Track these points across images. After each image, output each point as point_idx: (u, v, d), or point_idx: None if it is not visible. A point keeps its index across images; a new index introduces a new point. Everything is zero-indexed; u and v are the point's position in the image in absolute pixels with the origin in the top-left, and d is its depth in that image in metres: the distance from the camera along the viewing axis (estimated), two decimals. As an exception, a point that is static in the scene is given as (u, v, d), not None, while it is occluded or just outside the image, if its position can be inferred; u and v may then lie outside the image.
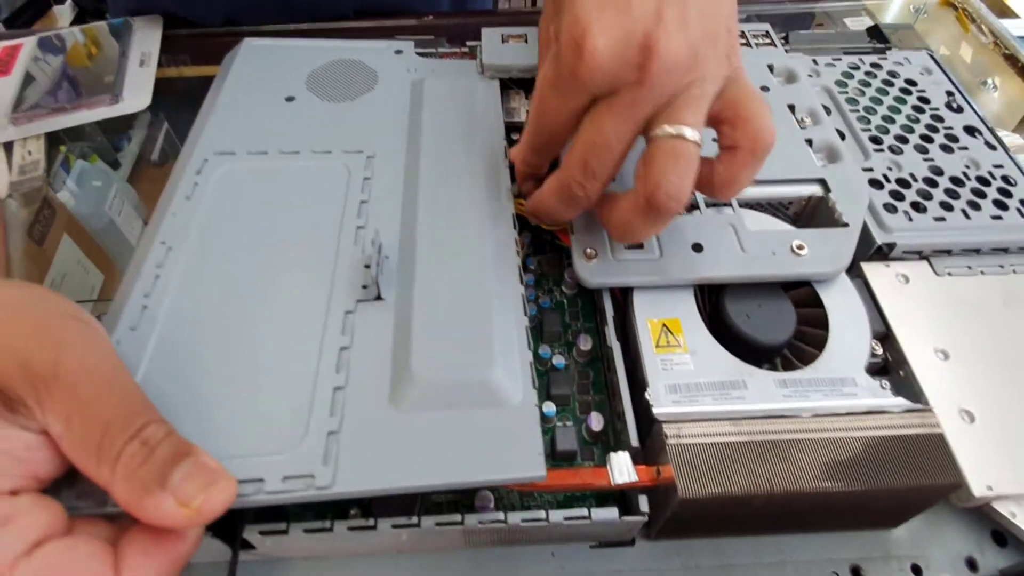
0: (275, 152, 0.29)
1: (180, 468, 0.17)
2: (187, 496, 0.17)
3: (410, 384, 0.21)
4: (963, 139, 0.33)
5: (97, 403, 0.17)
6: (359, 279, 0.24)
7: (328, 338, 0.22)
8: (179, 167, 0.29)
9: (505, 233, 0.26)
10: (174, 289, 0.24)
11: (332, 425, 0.20)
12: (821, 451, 0.21)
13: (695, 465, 0.21)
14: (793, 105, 0.33)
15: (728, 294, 0.26)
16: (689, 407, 0.23)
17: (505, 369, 0.21)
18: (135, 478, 0.17)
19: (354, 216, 0.26)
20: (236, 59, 0.35)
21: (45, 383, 0.17)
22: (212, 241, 0.26)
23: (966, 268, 0.29)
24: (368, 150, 0.29)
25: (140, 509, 0.17)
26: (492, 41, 0.36)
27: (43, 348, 0.18)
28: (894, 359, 0.27)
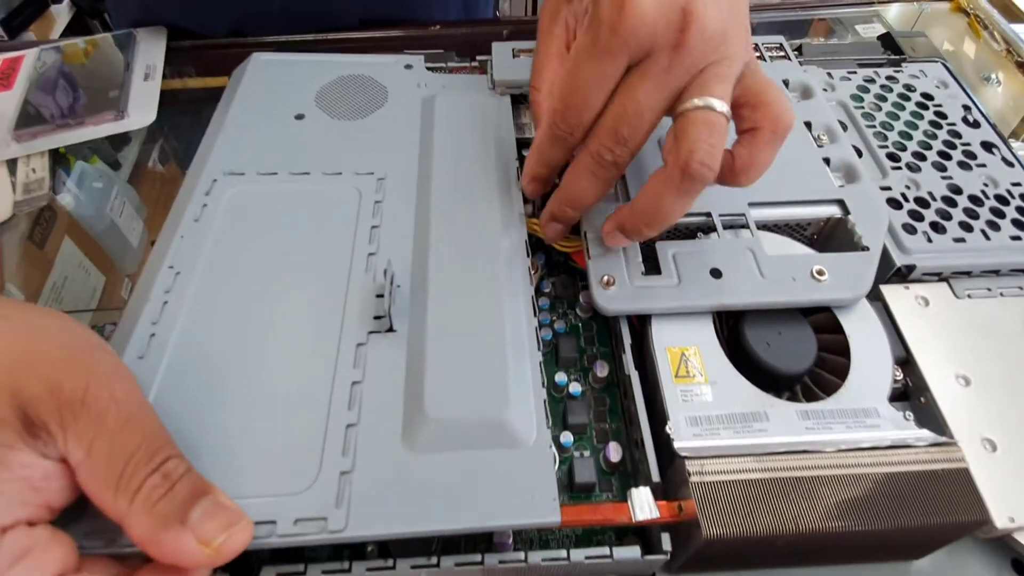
0: (285, 173, 0.29)
1: (200, 506, 0.17)
2: (207, 535, 0.17)
3: (423, 424, 0.21)
4: (981, 155, 0.33)
5: (121, 433, 0.17)
6: (371, 309, 0.24)
7: (340, 372, 0.22)
8: (188, 186, 0.29)
9: (518, 263, 0.26)
10: (183, 317, 0.24)
11: (345, 465, 0.20)
12: (846, 488, 0.21)
13: (719, 503, 0.21)
14: (810, 122, 0.32)
15: (747, 321, 0.26)
16: (710, 441, 0.23)
17: (519, 409, 0.21)
18: (155, 512, 0.17)
19: (365, 242, 0.26)
20: (245, 75, 0.34)
21: (72, 408, 0.17)
22: (221, 267, 0.25)
23: (986, 290, 0.29)
24: (379, 171, 0.29)
25: (157, 544, 0.17)
26: (502, 56, 0.35)
27: (73, 374, 0.17)
28: (915, 385, 0.26)
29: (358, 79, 0.34)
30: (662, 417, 0.24)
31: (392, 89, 0.34)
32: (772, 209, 0.29)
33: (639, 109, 0.23)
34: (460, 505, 0.19)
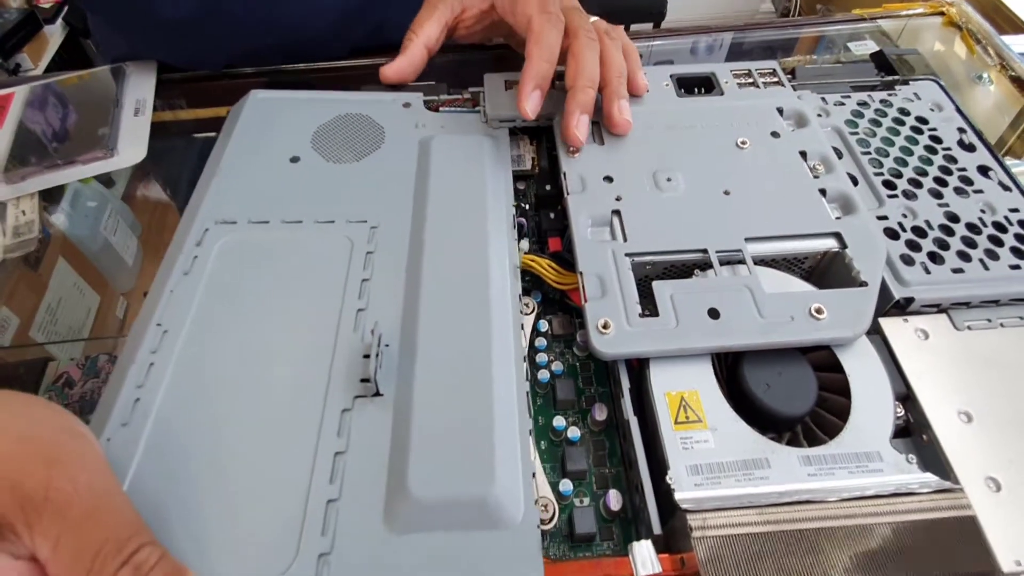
0: (277, 222, 0.29)
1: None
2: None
3: (406, 503, 0.20)
4: (977, 181, 0.33)
5: (87, 525, 0.17)
6: (358, 370, 0.23)
7: (324, 441, 0.22)
8: (180, 235, 0.28)
9: (510, 322, 0.26)
10: (167, 381, 0.23)
11: (324, 546, 0.20)
12: (851, 541, 0.21)
13: (722, 560, 0.20)
14: (805, 152, 0.32)
15: (746, 362, 0.26)
16: (712, 491, 0.22)
17: (506, 485, 0.21)
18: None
19: (355, 297, 0.26)
20: (242, 113, 0.34)
21: (35, 506, 0.16)
22: (208, 325, 0.25)
23: (986, 321, 0.29)
24: (372, 219, 0.29)
25: None
26: (495, 88, 0.35)
27: (34, 469, 0.17)
28: (916, 421, 0.26)
29: (356, 119, 0.34)
30: (662, 464, 0.23)
31: (389, 130, 0.33)
32: (769, 244, 0.29)
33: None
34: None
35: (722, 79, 0.36)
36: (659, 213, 0.30)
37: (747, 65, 0.37)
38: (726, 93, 0.36)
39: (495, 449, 0.22)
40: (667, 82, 0.36)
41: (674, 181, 0.31)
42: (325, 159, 0.32)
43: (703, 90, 0.36)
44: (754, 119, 0.34)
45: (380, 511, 0.20)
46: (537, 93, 0.32)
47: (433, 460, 0.21)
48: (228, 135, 0.33)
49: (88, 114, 0.44)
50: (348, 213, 0.29)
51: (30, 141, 0.42)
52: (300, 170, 0.31)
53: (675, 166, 0.32)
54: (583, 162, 0.32)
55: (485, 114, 0.34)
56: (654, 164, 0.32)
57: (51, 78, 0.46)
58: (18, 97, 0.45)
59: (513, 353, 0.25)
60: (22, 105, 0.44)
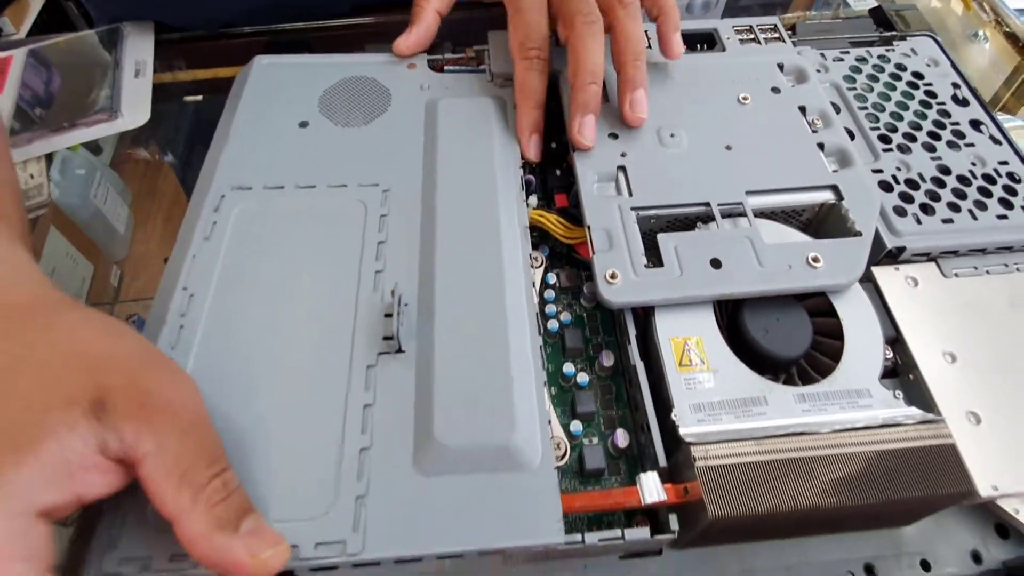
0: (291, 187, 0.29)
1: (248, 521, 0.18)
2: (255, 548, 0.18)
3: (433, 449, 0.22)
4: (969, 134, 0.34)
5: (190, 434, 0.19)
6: (379, 329, 0.25)
7: (353, 395, 0.23)
8: (197, 202, 0.29)
9: (522, 280, 0.27)
10: (199, 341, 0.24)
11: (360, 489, 0.21)
12: (840, 466, 0.23)
13: (723, 485, 0.22)
14: (804, 107, 0.33)
15: (746, 309, 0.27)
16: (713, 426, 0.24)
17: (525, 432, 0.22)
18: (212, 513, 0.18)
19: (372, 259, 0.27)
20: (248, 80, 0.34)
21: (149, 405, 0.18)
22: (233, 287, 0.26)
23: (972, 268, 0.30)
24: (384, 183, 0.29)
25: (209, 543, 0.18)
26: (499, 46, 0.35)
27: (155, 376, 0.19)
28: (904, 363, 0.28)
29: (361, 81, 0.34)
30: (667, 404, 0.25)
31: (395, 92, 0.34)
32: (768, 197, 0.30)
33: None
34: (470, 526, 0.21)
35: (724, 35, 0.37)
36: (663, 168, 0.31)
37: (748, 21, 0.38)
38: (728, 49, 0.36)
39: (514, 398, 0.23)
40: (669, 39, 0.37)
41: (677, 137, 0.32)
42: (334, 123, 0.32)
43: (705, 46, 0.37)
44: (755, 75, 0.34)
45: (409, 457, 0.22)
46: (535, 137, 0.32)
47: (456, 410, 0.23)
48: (235, 102, 0.33)
49: (89, 76, 0.44)
50: (360, 177, 0.30)
51: (33, 104, 0.42)
52: (310, 135, 0.32)
53: (678, 122, 0.32)
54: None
55: (491, 72, 0.35)
56: (657, 120, 0.32)
57: (48, 40, 0.46)
58: (16, 60, 0.44)
59: (526, 309, 0.26)
60: (21, 68, 0.44)
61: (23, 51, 0.45)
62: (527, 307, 0.26)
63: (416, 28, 0.36)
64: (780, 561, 0.25)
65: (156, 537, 0.20)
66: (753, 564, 0.25)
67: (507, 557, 0.24)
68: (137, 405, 0.18)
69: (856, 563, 0.25)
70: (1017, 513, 0.25)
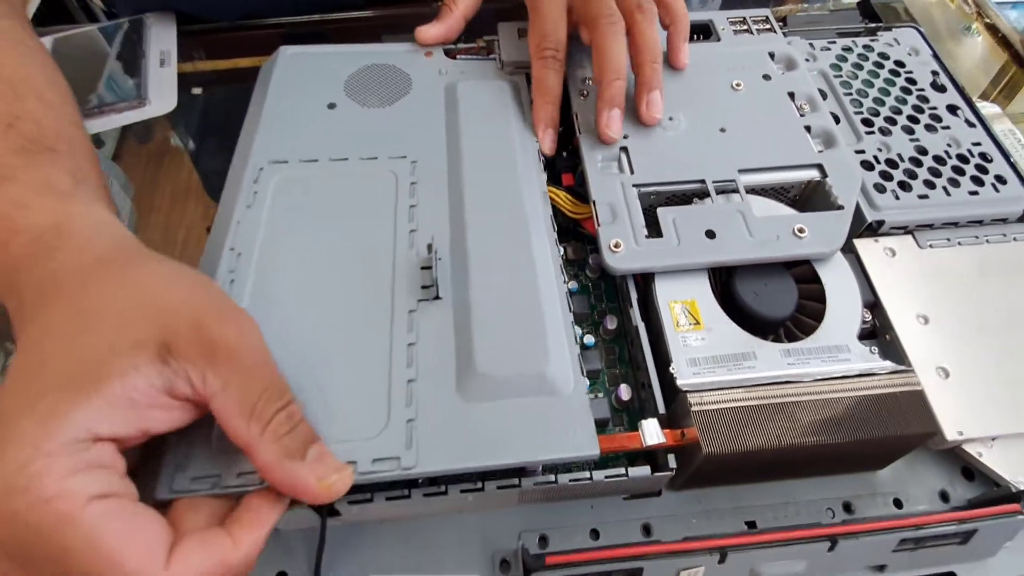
0: (325, 159, 0.32)
1: (313, 449, 0.21)
2: (320, 474, 0.20)
3: (475, 377, 0.24)
4: (946, 118, 0.36)
5: (256, 372, 0.21)
6: (417, 280, 0.27)
7: (396, 335, 0.26)
8: (235, 176, 0.31)
9: (545, 232, 0.29)
10: (249, 293, 0.27)
11: (410, 414, 0.24)
12: (820, 410, 0.25)
13: (715, 427, 0.25)
14: (793, 92, 0.36)
15: (738, 275, 0.30)
16: (708, 378, 0.27)
17: (558, 361, 0.25)
18: (281, 443, 0.20)
19: (406, 220, 0.29)
20: (275, 69, 0.36)
21: (217, 347, 0.20)
22: (278, 247, 0.28)
23: (946, 240, 0.33)
24: (411, 155, 0.32)
25: (279, 470, 0.20)
26: (509, 36, 0.38)
27: (223, 321, 0.21)
28: (881, 325, 0.30)
29: (382, 68, 0.37)
30: (666, 360, 0.27)
31: (415, 77, 0.36)
32: (759, 175, 0.33)
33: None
34: (513, 443, 0.23)
35: (719, 26, 0.39)
36: (662, 149, 0.33)
37: (742, 13, 0.40)
38: (722, 39, 0.39)
39: (546, 332, 0.25)
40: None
41: (675, 120, 0.34)
42: (360, 104, 0.35)
43: (701, 36, 0.39)
44: (748, 63, 0.37)
45: (453, 385, 0.24)
46: (550, 131, 0.34)
47: (495, 343, 0.25)
48: (264, 88, 0.36)
49: (115, 65, 0.46)
50: (389, 150, 0.32)
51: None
52: (338, 115, 0.34)
53: (676, 106, 0.35)
54: (592, 104, 0.35)
55: (501, 60, 0.37)
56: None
57: (74, 29, 0.48)
58: (45, 49, 0.47)
59: (551, 257, 0.28)
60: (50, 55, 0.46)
61: (50, 39, 0.47)
62: (551, 255, 0.29)
63: (442, 24, 0.38)
64: (768, 500, 0.28)
65: (221, 458, 0.22)
66: (743, 503, 0.28)
67: (523, 494, 0.26)
68: (202, 349, 0.20)
69: (835, 502, 0.28)
70: (980, 456, 0.28)
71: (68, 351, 0.19)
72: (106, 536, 0.17)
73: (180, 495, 0.21)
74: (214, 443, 0.22)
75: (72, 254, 0.21)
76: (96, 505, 0.18)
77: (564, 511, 0.28)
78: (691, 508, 0.28)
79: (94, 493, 0.18)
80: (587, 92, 0.35)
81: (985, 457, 0.28)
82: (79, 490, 0.17)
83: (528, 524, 0.28)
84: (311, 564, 0.26)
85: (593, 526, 0.27)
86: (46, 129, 0.24)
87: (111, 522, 0.18)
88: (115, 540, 0.17)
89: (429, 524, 0.28)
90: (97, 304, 0.20)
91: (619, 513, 0.28)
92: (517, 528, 0.27)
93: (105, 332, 0.19)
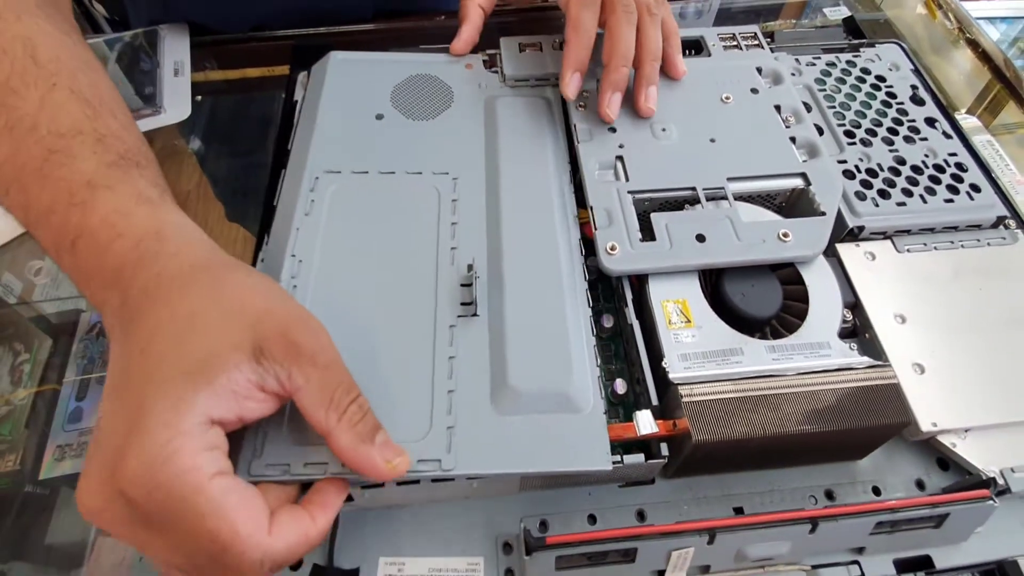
0: (374, 172, 0.34)
1: (380, 435, 0.24)
2: (388, 456, 0.23)
3: (507, 391, 0.27)
4: (924, 130, 0.38)
5: (331, 370, 0.23)
6: (457, 296, 0.29)
7: (439, 348, 0.28)
8: (292, 183, 0.34)
9: (574, 256, 0.32)
10: (311, 300, 0.29)
11: (450, 421, 0.26)
12: (802, 402, 0.27)
13: (705, 416, 0.27)
14: (779, 105, 0.38)
15: (726, 276, 0.32)
16: (698, 372, 0.29)
17: (580, 382, 0.27)
18: (355, 430, 0.23)
19: (448, 237, 0.31)
20: (327, 74, 0.38)
21: (299, 350, 0.23)
22: (334, 256, 0.31)
23: (922, 245, 0.35)
24: (453, 171, 0.34)
25: (355, 452, 0.23)
26: (511, 51, 0.40)
27: (303, 328, 0.23)
28: (861, 324, 0.32)
29: (426, 79, 0.39)
30: (658, 356, 0.29)
31: (457, 90, 0.38)
32: (746, 183, 0.35)
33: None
34: (537, 453, 0.26)
35: (709, 42, 0.41)
36: (656, 158, 0.35)
37: (731, 29, 0.42)
38: (713, 54, 0.41)
39: (571, 355, 0.28)
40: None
41: (668, 131, 0.36)
42: (405, 116, 0.37)
43: (693, 52, 0.41)
44: (736, 77, 0.39)
45: (488, 398, 0.27)
46: (577, 75, 0.36)
47: (525, 362, 0.27)
48: (317, 92, 0.38)
49: (132, 74, 0.48)
50: (432, 166, 0.34)
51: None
52: (385, 126, 0.36)
53: (669, 118, 0.37)
54: (590, 116, 0.37)
55: (503, 75, 0.39)
56: (651, 116, 0.37)
57: (94, 39, 0.50)
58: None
59: (579, 282, 0.31)
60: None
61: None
62: (579, 280, 0.31)
63: (464, 27, 0.40)
64: (754, 488, 0.30)
65: (291, 448, 0.25)
66: (731, 491, 0.30)
67: (524, 481, 0.28)
68: (287, 352, 0.22)
69: (818, 489, 0.30)
70: (954, 447, 0.30)
71: (180, 349, 0.22)
72: (228, 505, 0.20)
73: (255, 479, 0.24)
74: (285, 433, 0.25)
75: (171, 259, 0.24)
76: (218, 479, 0.21)
77: (563, 498, 0.30)
78: (683, 495, 0.30)
79: (215, 470, 0.21)
80: (585, 104, 0.37)
81: (959, 447, 0.30)
82: (205, 466, 0.20)
83: (529, 510, 0.29)
84: (326, 547, 0.28)
85: (591, 511, 0.29)
86: (129, 145, 0.27)
87: (230, 495, 0.21)
88: (234, 509, 0.20)
89: (436, 510, 0.29)
90: (198, 308, 0.23)
91: (615, 500, 0.30)
92: (519, 513, 0.29)
93: (209, 334, 0.22)
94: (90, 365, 0.41)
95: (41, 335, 0.42)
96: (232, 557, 0.20)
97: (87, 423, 0.40)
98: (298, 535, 0.22)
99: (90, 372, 0.41)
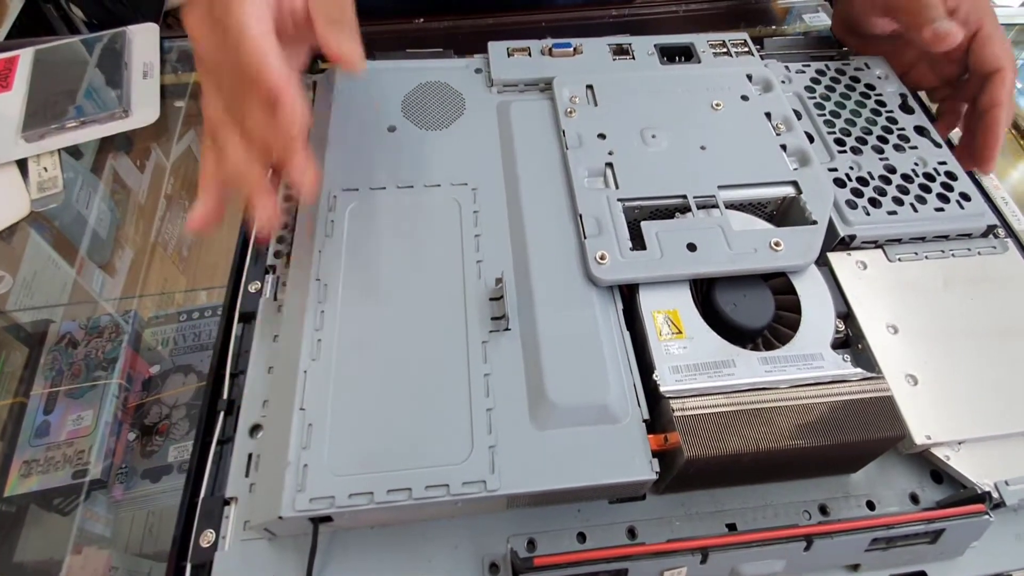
0: (392, 187, 0.33)
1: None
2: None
3: (546, 407, 0.26)
4: (913, 139, 0.38)
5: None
6: (487, 311, 0.29)
7: (474, 366, 0.27)
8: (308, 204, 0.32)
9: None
10: (339, 322, 0.28)
11: (491, 441, 0.25)
12: (796, 415, 0.26)
13: (697, 431, 0.26)
14: (770, 113, 0.37)
15: (718, 287, 0.31)
16: (689, 384, 0.28)
17: (617, 391, 0.27)
18: (344, 34, 0.29)
19: (473, 251, 0.31)
20: (336, 85, 0.37)
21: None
22: (358, 277, 0.30)
23: (913, 254, 0.34)
24: (471, 182, 0.33)
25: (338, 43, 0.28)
26: (499, 55, 0.39)
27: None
28: (853, 334, 0.32)
29: (436, 86, 0.38)
30: (649, 368, 0.29)
31: (468, 96, 0.38)
32: (737, 191, 0.34)
33: None
34: (580, 467, 0.25)
35: (700, 49, 0.41)
36: (646, 165, 0.35)
37: (722, 36, 0.42)
38: (703, 61, 0.40)
39: (606, 365, 0.27)
40: (651, 51, 0.41)
41: (658, 138, 0.36)
42: (418, 127, 0.36)
43: (683, 58, 0.41)
44: (727, 84, 0.39)
45: (526, 414, 0.26)
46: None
47: (562, 374, 0.27)
48: (326, 105, 0.37)
49: (97, 76, 0.46)
50: (450, 177, 0.33)
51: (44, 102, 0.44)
52: (399, 139, 0.35)
53: (659, 124, 0.36)
54: (579, 122, 0.36)
55: (491, 79, 0.39)
56: (641, 123, 0.36)
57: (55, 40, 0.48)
58: (24, 60, 0.47)
59: (608, 294, 0.30)
60: (30, 67, 0.46)
61: (31, 51, 0.47)
62: (609, 294, 0.30)
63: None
64: (747, 503, 0.29)
65: (333, 481, 0.24)
66: (724, 506, 0.29)
67: (511, 499, 0.27)
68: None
69: (811, 504, 0.29)
70: (948, 459, 0.29)
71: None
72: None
73: (299, 514, 0.24)
74: (326, 464, 0.25)
75: None
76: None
77: (552, 515, 0.29)
78: (674, 511, 0.29)
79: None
80: (573, 110, 0.37)
81: (952, 460, 0.29)
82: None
83: (516, 528, 0.28)
84: (303, 570, 0.27)
85: (580, 529, 0.28)
86: None
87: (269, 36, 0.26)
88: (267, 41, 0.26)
89: (419, 529, 0.28)
90: None
91: (605, 516, 0.29)
92: (506, 532, 0.28)
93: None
94: (59, 377, 0.39)
95: (11, 344, 0.41)
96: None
97: (55, 438, 0.38)
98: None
99: (58, 384, 0.39)
